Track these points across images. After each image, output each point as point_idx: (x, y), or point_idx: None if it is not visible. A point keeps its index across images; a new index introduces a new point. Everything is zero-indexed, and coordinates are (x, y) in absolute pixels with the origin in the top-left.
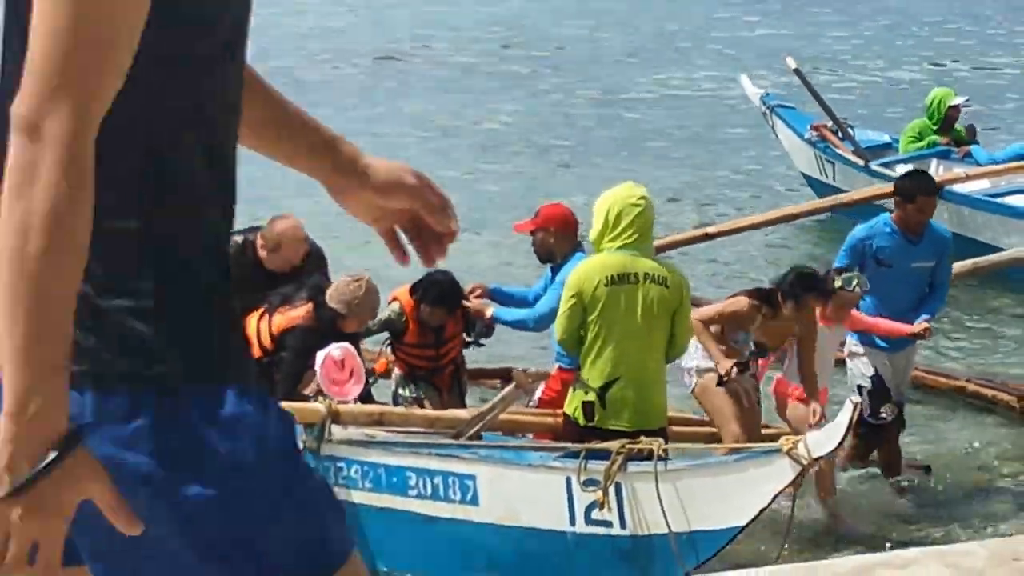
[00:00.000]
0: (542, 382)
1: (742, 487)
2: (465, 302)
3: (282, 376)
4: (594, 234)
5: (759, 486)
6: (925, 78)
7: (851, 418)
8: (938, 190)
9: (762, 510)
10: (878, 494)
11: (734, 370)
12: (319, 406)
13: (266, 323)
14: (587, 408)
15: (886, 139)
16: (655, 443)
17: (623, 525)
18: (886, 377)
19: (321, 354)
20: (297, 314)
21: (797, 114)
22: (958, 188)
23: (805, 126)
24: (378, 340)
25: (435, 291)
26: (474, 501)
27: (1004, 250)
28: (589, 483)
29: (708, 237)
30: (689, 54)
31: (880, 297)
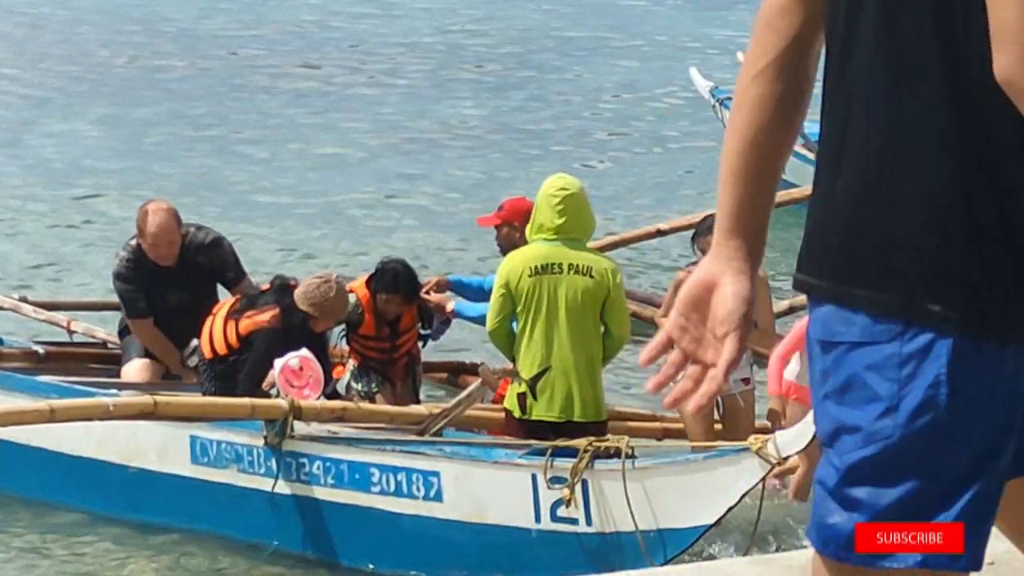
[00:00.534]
0: (506, 378)
1: (711, 486)
2: (426, 296)
3: (244, 376)
4: (528, 227)
5: (728, 485)
6: None
7: None
8: None
9: (730, 508)
10: None
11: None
12: (281, 402)
13: (233, 325)
14: (521, 399)
15: None
16: (622, 441)
17: (589, 522)
18: None
19: (279, 362)
20: (263, 318)
21: None
22: None
23: None
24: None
25: (390, 278)
26: (438, 498)
27: None
28: (555, 480)
29: (660, 233)
30: (640, 49)
31: None
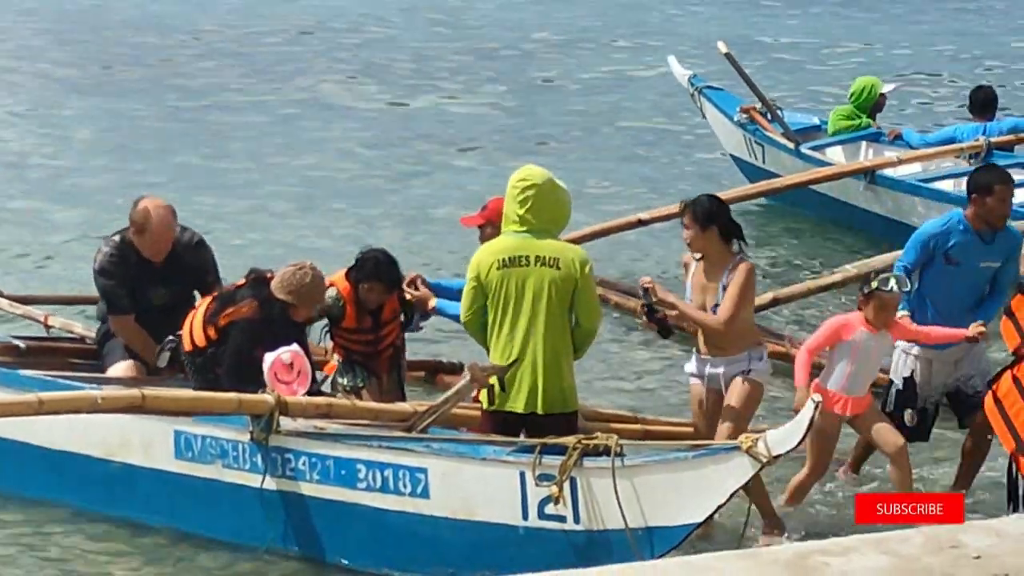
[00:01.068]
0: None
1: (700, 484)
2: (409, 290)
3: (226, 369)
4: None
5: (717, 483)
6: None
7: (811, 417)
8: (1012, 179)
9: (720, 507)
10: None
11: None
12: (267, 397)
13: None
14: (490, 391)
15: (815, 121)
16: (611, 439)
17: (577, 520)
18: (920, 383)
19: (270, 356)
20: (242, 309)
21: (726, 95)
22: (890, 172)
23: (734, 108)
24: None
25: (371, 266)
26: (424, 494)
27: None
28: (543, 478)
29: (641, 223)
30: (620, 39)
31: (939, 296)
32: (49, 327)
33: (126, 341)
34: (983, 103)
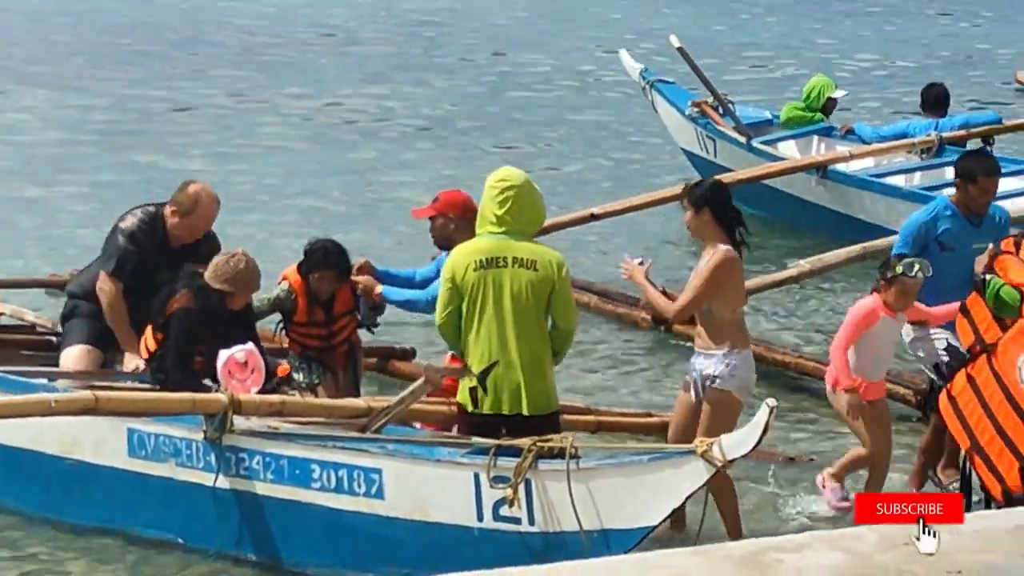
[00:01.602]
0: (451, 377)
1: (656, 487)
2: (356, 278)
3: (169, 361)
4: (477, 220)
5: (673, 487)
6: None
7: (767, 421)
8: (998, 170)
9: (674, 510)
10: (772, 481)
11: None
12: (221, 396)
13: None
14: (472, 394)
15: (767, 116)
16: (566, 441)
17: (532, 522)
18: (958, 344)
19: (224, 354)
20: (177, 300)
21: (677, 90)
22: (842, 167)
23: (686, 102)
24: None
25: (320, 255)
26: (379, 495)
27: (887, 230)
28: (498, 480)
29: (594, 218)
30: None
31: (940, 281)
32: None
33: (106, 307)
34: (935, 99)
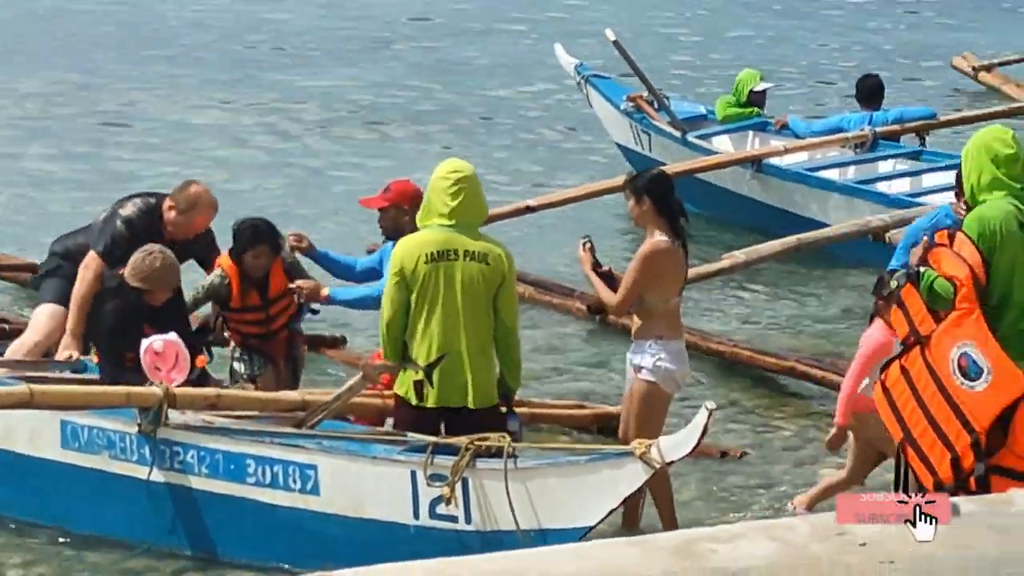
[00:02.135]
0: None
1: (594, 488)
2: (299, 283)
3: (103, 358)
4: (419, 213)
5: (611, 488)
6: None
7: (705, 424)
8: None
9: (612, 511)
10: (707, 473)
11: None
12: (155, 390)
13: None
14: (417, 387)
15: (702, 111)
16: (504, 440)
17: (469, 520)
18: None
19: (145, 343)
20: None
21: (612, 84)
22: (776, 161)
23: (621, 97)
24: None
25: (250, 233)
26: (315, 491)
27: (821, 224)
28: (435, 478)
29: (529, 210)
30: (511, 24)
31: None
32: None
33: (78, 285)
34: (870, 92)
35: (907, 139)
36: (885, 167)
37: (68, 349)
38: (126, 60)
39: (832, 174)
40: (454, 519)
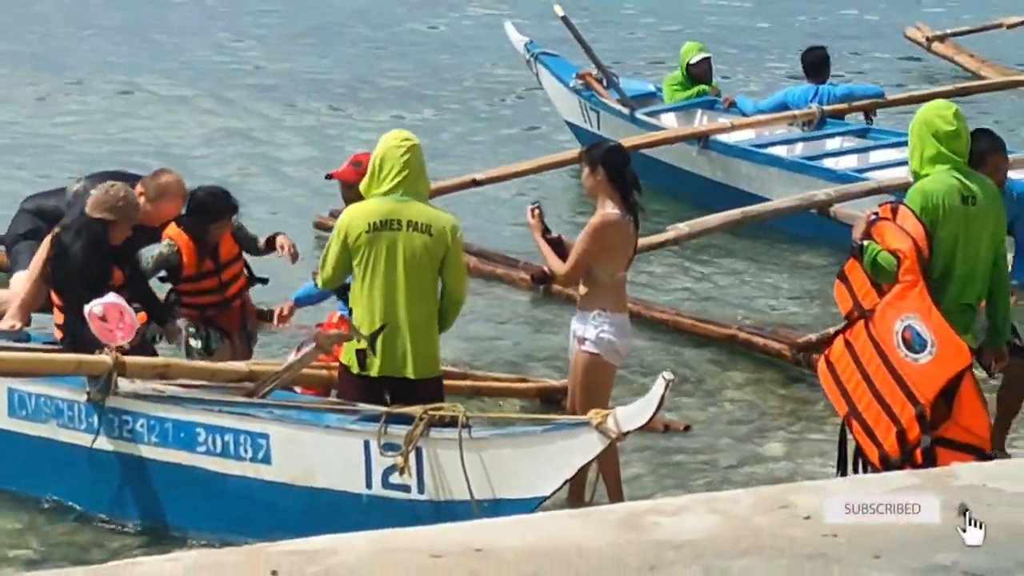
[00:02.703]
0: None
1: (549, 458)
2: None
3: (67, 306)
4: (364, 182)
5: (566, 458)
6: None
7: (662, 394)
8: (1003, 146)
9: (566, 481)
10: (653, 447)
11: None
12: (105, 358)
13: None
14: (360, 356)
15: (651, 88)
16: (458, 410)
17: (422, 490)
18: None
19: (86, 308)
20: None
21: (561, 62)
22: (723, 138)
23: (570, 74)
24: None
25: (214, 204)
26: (266, 460)
27: (768, 199)
28: (389, 447)
29: (476, 184)
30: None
31: None
32: None
33: (39, 255)
34: (815, 64)
35: (854, 117)
36: (832, 144)
37: (12, 319)
38: (76, 36)
39: (779, 151)
40: (407, 488)
